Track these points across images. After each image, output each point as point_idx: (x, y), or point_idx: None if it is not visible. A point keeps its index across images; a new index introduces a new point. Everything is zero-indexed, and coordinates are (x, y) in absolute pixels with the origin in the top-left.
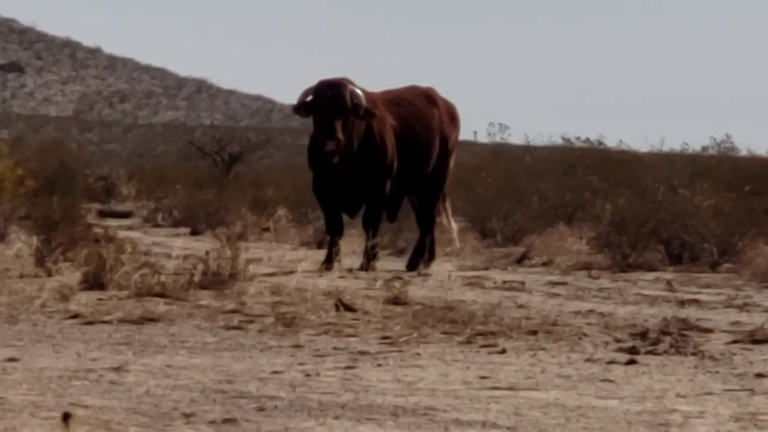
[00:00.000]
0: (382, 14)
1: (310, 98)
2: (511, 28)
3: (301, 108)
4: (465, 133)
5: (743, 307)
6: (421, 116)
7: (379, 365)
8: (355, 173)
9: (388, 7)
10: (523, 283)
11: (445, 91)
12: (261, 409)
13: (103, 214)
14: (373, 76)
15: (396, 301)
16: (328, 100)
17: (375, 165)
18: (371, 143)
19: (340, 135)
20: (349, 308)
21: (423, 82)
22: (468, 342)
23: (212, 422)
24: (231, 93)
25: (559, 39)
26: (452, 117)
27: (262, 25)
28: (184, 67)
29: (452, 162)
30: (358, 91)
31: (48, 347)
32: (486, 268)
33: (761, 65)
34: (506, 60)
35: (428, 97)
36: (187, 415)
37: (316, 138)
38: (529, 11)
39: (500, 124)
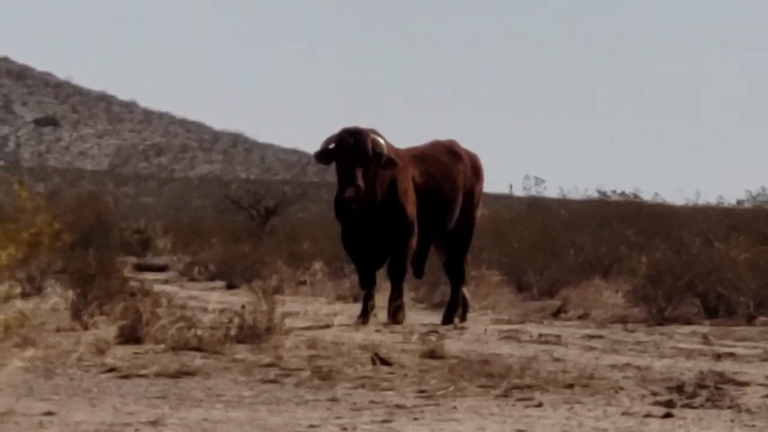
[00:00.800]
0: (416, 69)
1: (332, 146)
2: (545, 81)
3: (323, 155)
4: (501, 187)
5: None
6: (446, 172)
7: (415, 419)
8: (379, 224)
9: (423, 62)
10: (559, 336)
11: (479, 145)
12: None
13: (139, 268)
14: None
15: (432, 354)
16: (350, 148)
17: (398, 217)
18: (395, 196)
19: (360, 182)
20: (385, 362)
21: (458, 136)
22: (504, 395)
23: None
24: (267, 146)
25: (593, 92)
26: (476, 169)
27: (297, 79)
28: (219, 121)
29: (478, 214)
30: (381, 141)
31: (84, 401)
32: (522, 322)
33: None
34: (541, 114)
35: (452, 151)
36: None
37: (338, 184)
38: (564, 65)
39: (536, 178)
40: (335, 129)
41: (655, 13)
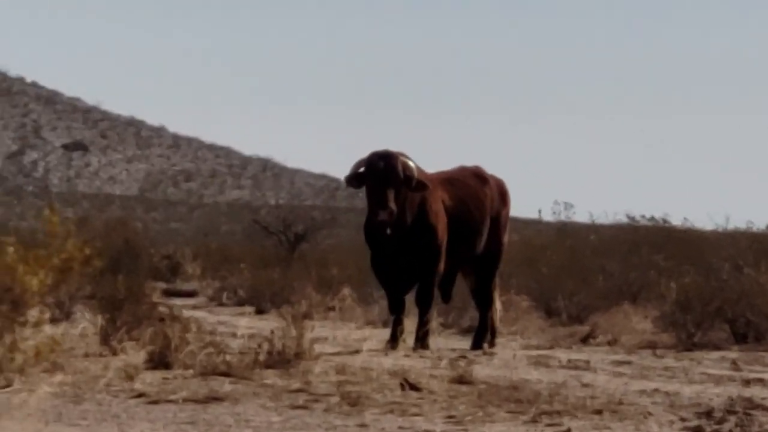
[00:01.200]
0: (446, 95)
1: (362, 169)
2: (574, 106)
3: (354, 179)
4: (530, 212)
5: None
6: (474, 195)
7: None
8: (409, 248)
9: (453, 88)
10: (588, 362)
11: (508, 170)
12: None
13: (168, 293)
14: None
15: (461, 380)
16: (381, 171)
17: (427, 240)
18: (424, 219)
19: (392, 205)
20: (414, 387)
21: (486, 161)
22: (533, 421)
23: None
24: (296, 172)
25: (622, 117)
26: (502, 193)
27: (327, 103)
28: (248, 146)
29: (506, 239)
30: (411, 164)
31: (113, 426)
32: (551, 347)
33: None
34: (571, 138)
35: (479, 176)
36: None
37: (369, 208)
38: (594, 90)
39: (565, 203)
40: (364, 153)
41: (692, 39)
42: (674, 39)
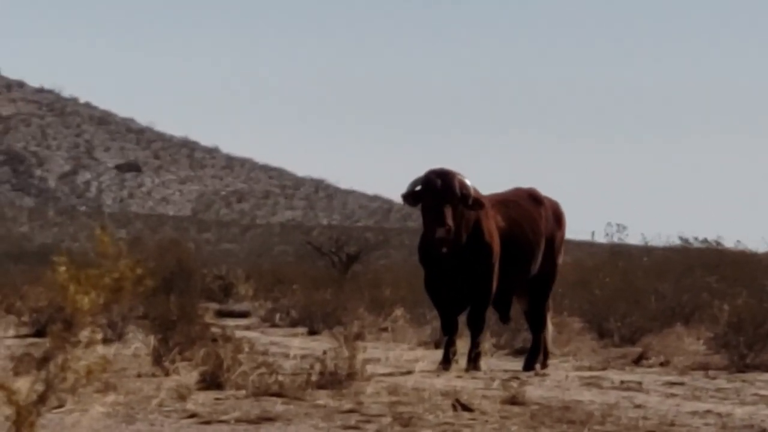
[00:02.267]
0: (500, 116)
1: (419, 187)
2: (628, 128)
3: (410, 197)
4: (583, 233)
5: None
6: (528, 217)
7: None
8: (463, 266)
9: (507, 110)
10: (640, 383)
11: (562, 191)
12: None
13: (221, 314)
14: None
15: (513, 401)
16: (438, 189)
17: (482, 259)
18: (479, 238)
19: (450, 222)
20: (466, 408)
21: (540, 183)
22: None
23: None
24: (349, 193)
25: (674, 139)
26: (557, 215)
27: (380, 125)
28: (301, 167)
29: (560, 260)
30: (467, 182)
31: None
32: (603, 368)
33: None
34: (624, 160)
35: (534, 197)
36: None
37: (425, 226)
38: (646, 113)
39: (618, 225)
40: (417, 174)
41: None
42: (731, 54)
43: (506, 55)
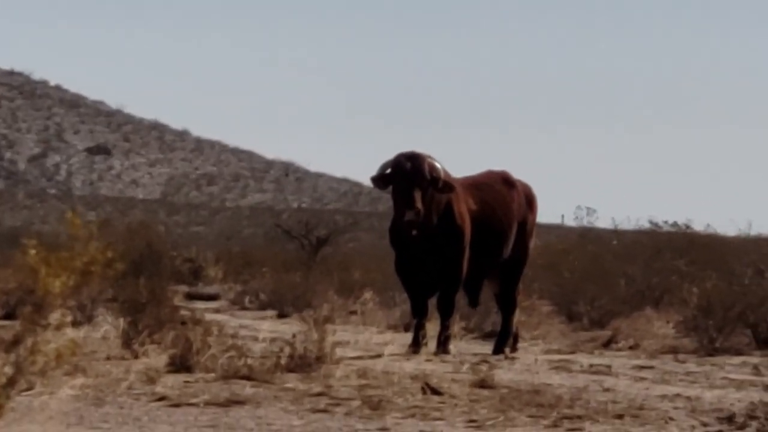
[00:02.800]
0: (468, 101)
1: (389, 170)
2: (597, 111)
3: (380, 180)
4: (553, 217)
5: None
6: (501, 200)
7: None
8: (434, 249)
9: (475, 95)
10: (609, 366)
11: (531, 175)
12: None
13: (190, 297)
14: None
15: (482, 384)
16: (407, 172)
17: (452, 242)
18: (450, 221)
19: (420, 205)
20: (435, 391)
21: (510, 166)
22: (554, 426)
23: None
24: (318, 176)
25: (644, 123)
26: (529, 199)
27: (349, 108)
28: (271, 150)
29: (532, 244)
30: (437, 164)
31: (134, 430)
32: (572, 352)
33: None
34: (593, 144)
35: (506, 180)
36: None
37: (395, 209)
38: (616, 96)
39: (587, 208)
40: (387, 157)
41: (716, 45)
42: (698, 45)
43: (474, 41)
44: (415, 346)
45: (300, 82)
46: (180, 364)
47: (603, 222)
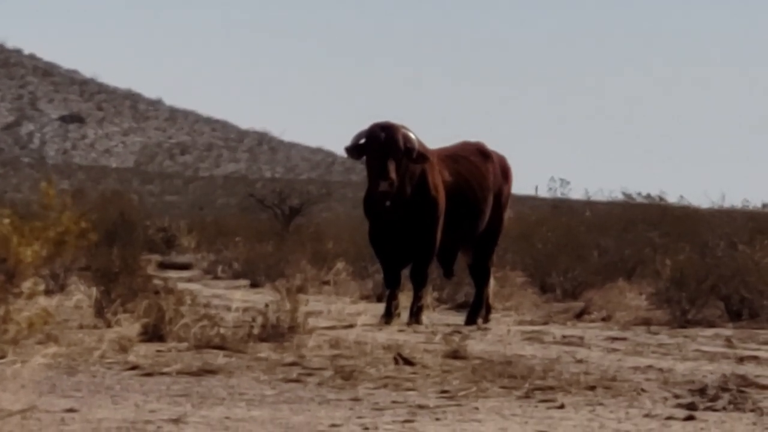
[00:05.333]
0: (443, 68)
1: (363, 140)
2: (570, 83)
3: (354, 150)
4: (526, 188)
5: None
6: (476, 172)
7: (437, 419)
8: (408, 220)
9: (449, 63)
10: (582, 338)
11: (504, 146)
12: None
13: (163, 266)
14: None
15: (455, 355)
16: (381, 143)
17: (426, 213)
18: (424, 191)
19: (393, 175)
20: (408, 362)
21: (483, 137)
22: (526, 397)
23: None
24: (292, 146)
25: (618, 94)
26: (504, 170)
27: (323, 78)
28: (245, 120)
29: (506, 215)
30: (411, 135)
31: (107, 398)
32: (545, 323)
33: None
34: (567, 115)
35: (482, 152)
36: None
37: (369, 180)
38: (591, 67)
39: (561, 179)
40: (361, 127)
41: (687, 15)
42: (669, 14)
43: (447, 5)
44: (388, 316)
45: (274, 52)
46: (153, 334)
47: (576, 193)
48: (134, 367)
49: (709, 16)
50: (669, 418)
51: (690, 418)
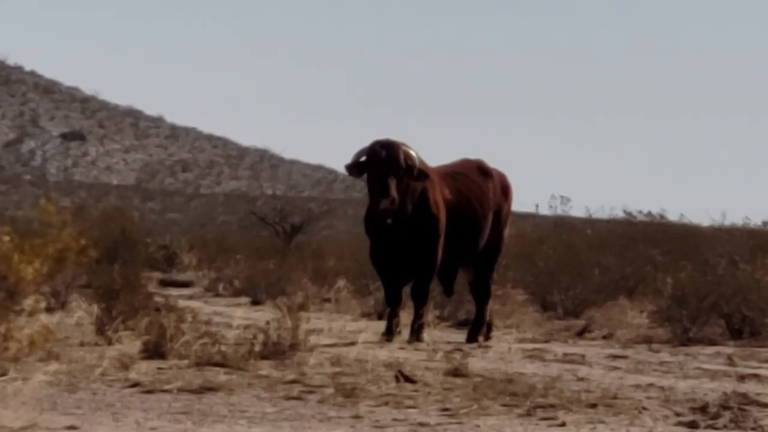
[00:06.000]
0: (444, 89)
1: (363, 158)
2: (573, 101)
3: (355, 168)
4: (527, 206)
5: None
6: (476, 190)
7: None
8: (409, 237)
9: (451, 83)
10: (583, 356)
11: (505, 163)
12: None
13: (164, 284)
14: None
15: (456, 372)
16: (382, 160)
17: (427, 231)
18: (425, 209)
19: (394, 193)
20: (409, 380)
21: (484, 154)
22: (528, 414)
23: None
24: (293, 163)
25: (617, 112)
26: (504, 188)
27: (325, 95)
28: (246, 137)
29: (506, 233)
30: (412, 153)
31: (107, 416)
32: (546, 341)
33: None
34: (568, 133)
35: (482, 169)
36: None
37: (370, 197)
38: (593, 85)
39: (562, 197)
40: (362, 145)
41: (692, 37)
42: (673, 37)
43: (448, 26)
44: (389, 334)
45: (274, 69)
46: (153, 351)
47: (577, 211)
48: (135, 385)
49: (708, 30)
50: None
51: None
